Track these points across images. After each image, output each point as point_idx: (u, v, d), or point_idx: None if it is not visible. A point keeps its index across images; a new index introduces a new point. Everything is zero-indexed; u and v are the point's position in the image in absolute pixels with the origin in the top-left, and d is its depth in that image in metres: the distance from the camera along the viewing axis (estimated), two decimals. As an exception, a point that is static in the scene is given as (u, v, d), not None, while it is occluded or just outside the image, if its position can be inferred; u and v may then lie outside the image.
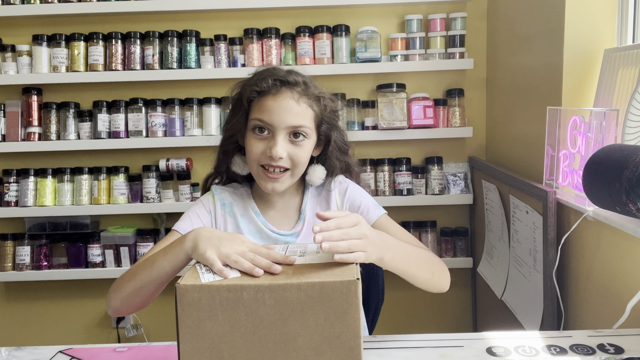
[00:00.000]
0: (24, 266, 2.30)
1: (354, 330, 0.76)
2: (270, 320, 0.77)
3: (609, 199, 1.10)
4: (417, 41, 2.25)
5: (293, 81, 1.19)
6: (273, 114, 1.17)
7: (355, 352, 0.77)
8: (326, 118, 1.24)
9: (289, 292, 0.76)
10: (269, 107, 1.17)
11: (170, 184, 2.32)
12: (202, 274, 0.82)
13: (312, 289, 0.76)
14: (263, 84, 1.18)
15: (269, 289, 0.77)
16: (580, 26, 1.57)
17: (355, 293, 0.76)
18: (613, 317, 1.24)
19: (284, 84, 1.18)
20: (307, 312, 0.76)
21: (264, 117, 1.17)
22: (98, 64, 2.23)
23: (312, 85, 1.23)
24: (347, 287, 0.76)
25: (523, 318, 1.70)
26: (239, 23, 2.30)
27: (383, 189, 2.28)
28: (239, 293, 0.77)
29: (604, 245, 1.35)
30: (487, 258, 2.13)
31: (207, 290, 0.77)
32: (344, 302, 0.76)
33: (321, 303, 0.76)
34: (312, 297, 0.76)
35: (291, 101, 1.17)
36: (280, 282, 0.77)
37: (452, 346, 1.05)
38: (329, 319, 0.76)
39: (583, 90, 1.58)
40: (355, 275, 0.78)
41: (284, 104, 1.17)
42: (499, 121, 2.21)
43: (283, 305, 0.76)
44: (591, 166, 1.17)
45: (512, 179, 1.78)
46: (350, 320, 0.76)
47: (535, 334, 1.11)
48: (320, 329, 0.76)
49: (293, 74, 1.21)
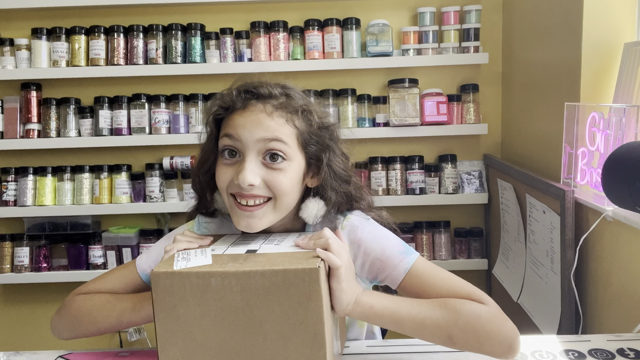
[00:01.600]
0: (22, 268, 2.29)
1: (317, 317, 0.80)
2: (237, 306, 0.81)
3: (629, 198, 1.10)
4: (430, 35, 2.24)
5: (266, 93, 0.99)
6: (239, 129, 0.96)
7: (319, 337, 0.80)
8: (314, 136, 1.01)
9: (254, 279, 0.80)
10: (236, 123, 0.97)
11: (175, 183, 2.31)
12: (177, 262, 0.86)
13: (276, 276, 0.79)
14: (227, 98, 1.00)
15: (234, 275, 0.80)
16: (599, 19, 1.56)
17: (317, 280, 0.79)
18: (633, 320, 1.24)
19: (254, 96, 0.99)
20: (271, 298, 0.80)
21: (229, 131, 0.98)
22: (99, 59, 2.23)
23: (299, 97, 1.03)
24: (308, 274, 0.79)
25: (540, 322, 1.69)
26: (246, 16, 2.30)
27: (395, 188, 2.27)
28: (207, 279, 0.81)
29: (624, 246, 1.34)
30: (502, 259, 2.13)
31: (178, 277, 0.81)
32: (306, 289, 0.79)
33: (285, 290, 0.80)
34: (276, 284, 0.79)
35: (262, 114, 0.97)
36: (246, 269, 0.80)
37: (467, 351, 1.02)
38: (292, 305, 0.80)
39: (602, 86, 1.58)
40: (318, 263, 0.81)
41: (252, 118, 0.97)
42: (515, 118, 2.21)
43: (248, 292, 0.80)
44: (610, 164, 1.16)
45: (528, 178, 1.78)
46: (313, 307, 0.80)
47: (552, 338, 1.10)
48: (285, 315, 0.80)
49: (268, 85, 1.01)
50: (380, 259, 1.01)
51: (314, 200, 1.04)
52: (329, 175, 1.03)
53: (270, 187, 0.97)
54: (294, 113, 0.99)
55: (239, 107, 0.98)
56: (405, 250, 1.01)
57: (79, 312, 1.05)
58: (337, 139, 1.06)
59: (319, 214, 1.03)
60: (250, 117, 0.97)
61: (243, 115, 0.97)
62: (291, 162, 0.98)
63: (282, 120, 0.97)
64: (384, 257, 1.00)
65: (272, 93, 0.99)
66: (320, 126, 1.02)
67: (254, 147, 0.96)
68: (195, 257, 0.88)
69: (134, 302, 1.01)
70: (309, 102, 1.04)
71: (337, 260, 0.85)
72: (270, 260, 0.84)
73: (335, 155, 1.04)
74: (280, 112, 0.98)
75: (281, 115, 0.98)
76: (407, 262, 0.99)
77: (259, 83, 1.01)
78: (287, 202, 0.99)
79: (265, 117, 0.96)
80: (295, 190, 1.00)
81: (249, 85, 1.00)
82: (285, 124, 0.98)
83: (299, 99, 1.02)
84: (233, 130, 0.97)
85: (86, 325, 1.03)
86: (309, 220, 1.03)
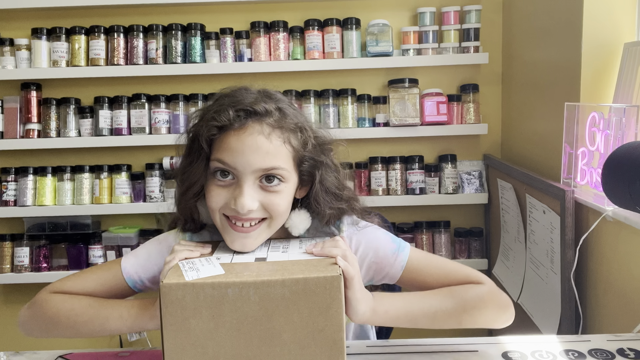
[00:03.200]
0: (22, 268, 2.28)
1: (337, 324, 0.80)
2: (254, 316, 0.79)
3: (629, 198, 1.10)
4: (430, 35, 2.23)
5: (262, 111, 0.94)
6: (237, 155, 0.92)
7: (338, 345, 0.80)
8: (308, 154, 0.99)
9: (273, 288, 0.78)
10: (232, 146, 0.93)
11: (174, 183, 2.26)
12: (186, 272, 0.83)
13: (296, 285, 0.79)
14: (223, 117, 0.93)
15: (253, 285, 0.79)
16: (599, 19, 1.56)
17: (339, 288, 0.79)
18: (633, 320, 1.25)
19: (250, 115, 0.94)
20: (291, 307, 0.79)
21: (225, 159, 0.93)
22: (99, 59, 2.22)
23: (291, 111, 0.99)
24: (330, 282, 0.79)
25: (540, 322, 1.69)
26: (246, 16, 2.29)
27: (395, 188, 2.26)
28: (223, 290, 0.79)
29: (624, 246, 1.33)
30: (502, 259, 2.12)
31: (192, 288, 0.79)
32: (327, 297, 0.79)
33: (305, 298, 0.79)
34: (296, 293, 0.79)
35: (259, 137, 0.92)
36: (265, 279, 0.79)
37: (467, 351, 1.03)
38: (312, 313, 0.79)
39: (602, 86, 1.58)
40: (338, 271, 0.81)
41: (249, 142, 0.92)
42: (515, 118, 2.20)
43: (267, 301, 0.79)
44: (610, 164, 1.15)
45: (528, 178, 1.78)
46: (334, 314, 0.79)
47: (552, 338, 1.10)
48: (304, 323, 0.79)
49: (263, 101, 0.96)
50: (375, 261, 1.02)
51: (299, 213, 1.02)
52: (321, 191, 1.01)
53: (267, 209, 0.95)
54: (290, 132, 0.96)
55: (234, 127, 0.93)
56: (398, 247, 1.03)
57: (56, 314, 0.97)
58: (329, 151, 1.04)
59: (304, 226, 1.02)
60: (247, 140, 0.92)
61: (240, 137, 0.93)
62: (287, 183, 0.96)
63: (280, 142, 0.94)
64: (379, 259, 1.02)
65: (268, 110, 0.95)
66: (315, 143, 1.00)
67: (252, 174, 0.93)
68: (203, 266, 0.85)
69: (120, 311, 0.95)
70: (302, 118, 1.01)
71: (353, 270, 0.86)
72: (286, 269, 0.83)
73: (327, 171, 1.02)
74: (277, 132, 0.94)
75: (278, 136, 0.94)
76: (401, 259, 1.02)
77: (255, 98, 0.97)
78: (281, 221, 0.99)
79: (263, 140, 0.93)
80: (289, 209, 1.00)
81: (243, 103, 0.95)
82: (282, 146, 0.95)
83: (292, 114, 0.98)
84: (229, 157, 0.93)
85: (63, 328, 0.97)
86: (294, 233, 1.02)
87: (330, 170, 1.03)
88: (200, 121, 0.98)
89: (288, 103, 1.01)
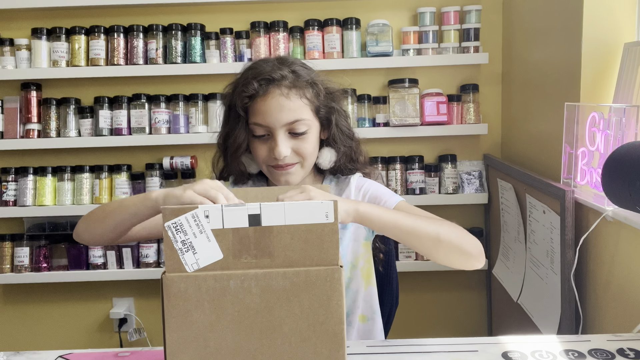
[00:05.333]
0: (22, 268, 2.28)
1: (337, 317, 0.80)
2: (256, 308, 0.80)
3: (629, 198, 1.10)
4: (430, 35, 2.23)
5: (278, 77, 1.18)
6: (266, 116, 1.18)
7: (338, 337, 0.81)
8: (322, 102, 1.24)
9: (275, 280, 0.79)
10: (261, 110, 1.19)
11: (175, 183, 2.31)
12: (182, 255, 0.83)
13: (297, 277, 0.79)
14: (250, 89, 1.18)
15: (255, 277, 0.79)
16: (599, 19, 1.56)
17: (339, 280, 0.80)
18: (633, 320, 1.25)
19: (270, 82, 1.18)
20: (292, 299, 0.80)
21: (258, 121, 1.19)
22: (99, 59, 2.22)
23: (304, 71, 1.23)
24: (331, 274, 0.80)
25: (540, 322, 1.69)
26: (246, 16, 2.29)
27: (395, 188, 2.26)
28: (225, 282, 0.79)
29: (624, 246, 1.33)
30: (502, 259, 2.12)
31: (194, 280, 0.79)
32: (328, 288, 0.80)
33: (306, 290, 0.80)
34: (297, 285, 0.79)
35: (281, 98, 1.18)
36: (266, 270, 0.80)
37: (467, 351, 1.04)
38: (313, 305, 0.80)
39: (602, 86, 1.58)
40: (339, 262, 0.82)
41: (273, 104, 1.18)
42: (515, 118, 2.20)
43: (269, 293, 0.80)
44: (610, 164, 1.16)
45: (528, 178, 1.78)
46: (334, 306, 0.80)
47: (552, 338, 1.10)
48: (305, 315, 0.80)
49: (278, 68, 1.20)
50: (375, 195, 1.28)
51: (327, 150, 1.29)
52: (337, 133, 1.27)
53: (298, 153, 1.21)
54: (304, 88, 1.20)
55: (260, 94, 1.18)
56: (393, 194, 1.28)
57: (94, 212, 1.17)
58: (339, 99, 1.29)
59: (332, 159, 1.29)
60: (272, 103, 1.17)
61: (266, 101, 1.18)
62: (311, 129, 1.22)
63: (297, 98, 1.19)
64: (379, 194, 1.28)
65: (283, 75, 1.18)
66: (326, 93, 1.25)
67: (281, 128, 1.19)
68: (196, 238, 0.82)
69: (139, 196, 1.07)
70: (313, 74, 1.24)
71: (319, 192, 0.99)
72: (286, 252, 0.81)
73: (340, 116, 1.28)
74: (294, 91, 1.18)
75: (295, 93, 1.19)
76: (394, 199, 1.25)
77: (271, 67, 1.20)
78: (312, 161, 1.26)
79: (284, 100, 1.17)
80: (316, 149, 1.26)
81: (264, 73, 1.18)
82: (300, 100, 1.19)
83: (303, 73, 1.21)
84: (261, 118, 1.18)
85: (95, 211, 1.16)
86: (324, 166, 1.29)
87: (342, 116, 1.29)
88: (233, 93, 1.23)
89: (300, 64, 1.24)
